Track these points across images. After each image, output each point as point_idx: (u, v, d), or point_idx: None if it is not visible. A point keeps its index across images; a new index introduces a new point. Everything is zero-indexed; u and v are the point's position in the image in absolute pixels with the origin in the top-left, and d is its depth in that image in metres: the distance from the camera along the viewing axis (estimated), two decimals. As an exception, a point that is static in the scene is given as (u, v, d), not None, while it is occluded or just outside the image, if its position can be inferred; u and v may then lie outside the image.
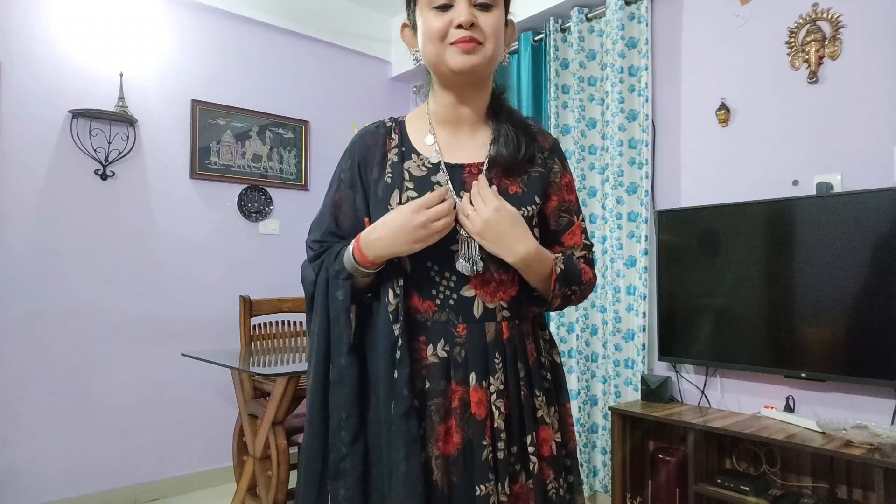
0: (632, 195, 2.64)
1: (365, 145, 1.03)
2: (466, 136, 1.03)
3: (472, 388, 0.95)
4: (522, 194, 1.00)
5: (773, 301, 2.19)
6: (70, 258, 2.72)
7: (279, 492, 2.31)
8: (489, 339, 0.97)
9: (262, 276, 3.32)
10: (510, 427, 0.96)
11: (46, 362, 2.64)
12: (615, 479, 2.41)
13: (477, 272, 0.95)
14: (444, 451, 0.93)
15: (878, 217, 1.94)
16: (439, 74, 0.99)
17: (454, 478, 0.93)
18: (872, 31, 2.06)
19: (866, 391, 2.02)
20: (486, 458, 0.93)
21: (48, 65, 2.67)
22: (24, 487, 2.57)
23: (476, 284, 0.97)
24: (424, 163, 1.00)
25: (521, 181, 1.01)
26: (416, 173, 0.99)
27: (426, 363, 0.96)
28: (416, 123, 1.04)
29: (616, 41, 2.65)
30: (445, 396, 0.95)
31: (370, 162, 1.01)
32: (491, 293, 0.97)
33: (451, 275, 0.96)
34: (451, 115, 1.02)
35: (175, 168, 3.04)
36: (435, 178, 0.98)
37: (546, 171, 1.04)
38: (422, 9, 0.96)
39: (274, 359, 2.56)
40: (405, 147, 1.02)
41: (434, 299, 0.97)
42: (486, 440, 0.93)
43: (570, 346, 2.86)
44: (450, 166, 1.00)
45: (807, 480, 2.10)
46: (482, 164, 1.00)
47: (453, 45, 0.93)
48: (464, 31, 0.92)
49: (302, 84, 3.53)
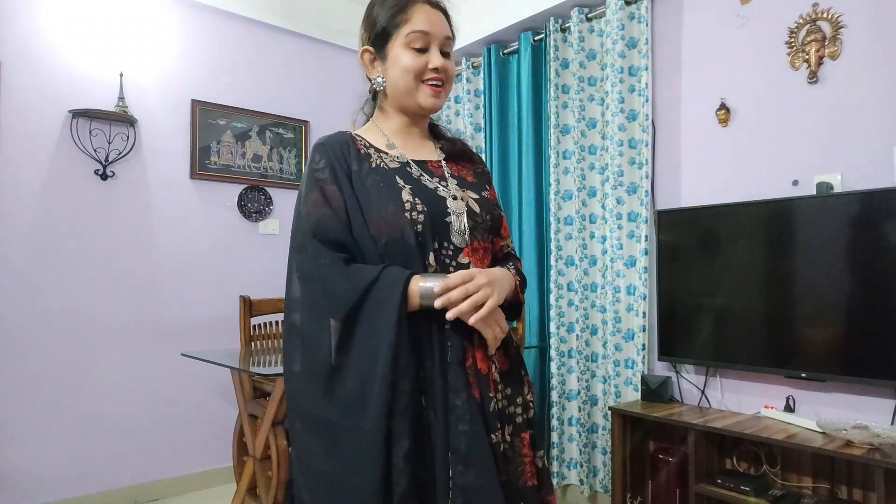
0: (632, 195, 2.64)
1: (335, 145, 1.10)
2: (418, 142, 1.19)
3: (476, 345, 1.06)
4: (476, 182, 1.19)
5: (773, 301, 2.19)
6: (70, 258, 2.72)
7: (279, 492, 2.31)
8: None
9: (262, 276, 3.32)
10: (506, 380, 1.11)
11: (46, 362, 2.64)
12: (615, 479, 2.41)
13: (468, 242, 1.09)
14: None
15: (878, 217, 1.93)
16: (404, 105, 1.14)
17: (476, 426, 1.00)
18: (872, 31, 2.06)
19: (866, 391, 2.02)
20: (494, 409, 1.05)
21: (48, 65, 2.67)
22: (24, 487, 2.57)
23: (468, 252, 1.10)
24: (395, 158, 1.12)
25: (471, 173, 1.21)
26: (393, 165, 1.11)
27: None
28: (370, 135, 1.16)
29: (616, 41, 2.65)
30: (465, 353, 1.05)
31: (344, 157, 1.09)
32: (480, 259, 1.12)
33: (448, 245, 1.08)
34: (403, 131, 1.18)
35: (175, 168, 3.04)
36: (410, 169, 1.11)
37: (484, 170, 1.26)
38: (400, 46, 1.10)
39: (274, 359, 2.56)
40: (373, 148, 1.13)
41: (439, 267, 1.07)
42: (491, 392, 1.05)
43: (570, 346, 2.86)
44: (416, 161, 1.13)
45: (807, 480, 2.10)
46: (440, 161, 1.17)
47: (427, 84, 1.11)
48: (437, 74, 1.10)
49: (302, 84, 3.53)
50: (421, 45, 1.10)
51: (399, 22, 1.10)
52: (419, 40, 1.09)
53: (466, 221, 1.09)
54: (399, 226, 1.02)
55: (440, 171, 1.14)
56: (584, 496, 2.79)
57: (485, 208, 1.14)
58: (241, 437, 2.72)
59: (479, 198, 1.15)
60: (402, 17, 1.10)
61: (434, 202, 1.07)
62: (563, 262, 2.89)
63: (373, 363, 0.96)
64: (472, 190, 1.15)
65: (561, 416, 2.84)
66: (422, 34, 1.09)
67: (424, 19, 1.10)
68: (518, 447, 1.09)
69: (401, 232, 1.02)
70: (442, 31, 1.12)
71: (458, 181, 1.15)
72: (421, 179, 1.10)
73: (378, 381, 0.95)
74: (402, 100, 1.13)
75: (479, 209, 1.12)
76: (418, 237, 1.03)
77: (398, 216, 1.03)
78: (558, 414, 2.83)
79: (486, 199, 1.16)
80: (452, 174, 1.15)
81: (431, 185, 1.10)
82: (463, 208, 1.09)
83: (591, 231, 2.84)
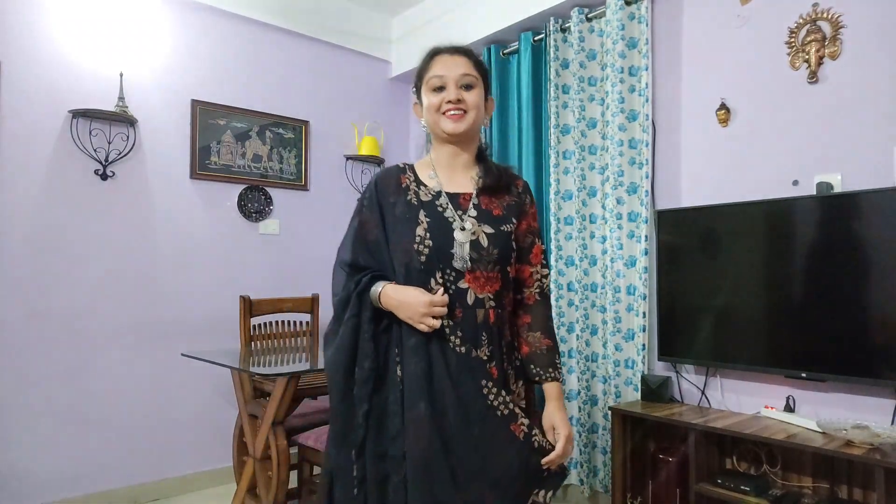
0: (632, 195, 2.64)
1: (384, 180, 1.40)
2: (461, 174, 1.40)
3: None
4: (503, 215, 1.37)
5: (773, 301, 2.19)
6: (70, 258, 2.72)
7: (279, 492, 2.31)
8: (479, 322, 1.30)
9: (262, 276, 3.32)
10: (497, 386, 1.30)
11: (46, 362, 2.64)
12: (615, 479, 2.41)
13: (468, 268, 1.29)
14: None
15: (878, 217, 1.93)
16: (438, 135, 1.39)
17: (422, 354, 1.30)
18: (872, 31, 2.06)
19: (866, 391, 2.02)
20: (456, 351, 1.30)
21: (48, 65, 2.67)
22: (24, 487, 2.57)
23: (469, 279, 1.30)
24: (430, 191, 1.37)
25: (501, 206, 1.38)
26: (424, 199, 1.35)
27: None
28: (421, 167, 1.42)
29: (616, 41, 2.65)
30: None
31: (387, 192, 1.37)
32: (480, 286, 1.31)
33: (450, 272, 1.30)
34: (449, 160, 1.40)
35: (175, 168, 3.04)
36: (438, 202, 1.35)
37: (520, 201, 1.42)
38: (425, 92, 1.37)
39: (274, 359, 2.56)
40: (415, 181, 1.39)
41: (437, 289, 1.29)
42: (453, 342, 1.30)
43: (570, 346, 2.86)
44: (449, 194, 1.36)
45: (807, 480, 2.10)
46: (471, 193, 1.37)
47: (445, 115, 1.34)
48: (452, 104, 1.33)
49: (302, 84, 3.53)
50: (439, 85, 1.34)
51: (424, 74, 1.38)
52: (437, 82, 1.35)
53: (469, 252, 1.29)
54: (409, 253, 1.30)
55: (466, 204, 1.36)
56: (584, 496, 2.79)
57: (494, 242, 1.32)
58: (241, 437, 2.72)
59: (494, 232, 1.33)
60: (426, 69, 1.38)
61: (444, 234, 1.30)
62: (564, 262, 2.89)
63: (346, 332, 1.34)
64: (492, 224, 1.34)
65: (561, 416, 2.83)
66: (438, 77, 1.34)
67: (440, 65, 1.36)
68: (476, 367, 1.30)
69: (410, 258, 1.30)
70: (457, 70, 1.34)
71: (479, 214, 1.35)
72: (444, 212, 1.33)
73: (343, 349, 1.32)
74: (435, 132, 1.39)
75: (488, 243, 1.31)
76: (421, 265, 1.29)
77: (409, 247, 1.30)
78: (558, 414, 2.82)
79: (504, 232, 1.34)
80: (479, 205, 1.36)
81: (450, 217, 1.33)
82: (468, 239, 1.30)
83: (592, 231, 2.84)
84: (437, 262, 1.28)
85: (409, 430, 1.25)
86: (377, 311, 1.31)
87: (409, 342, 1.28)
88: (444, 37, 3.90)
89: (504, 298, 1.35)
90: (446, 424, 1.24)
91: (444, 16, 3.55)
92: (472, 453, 1.23)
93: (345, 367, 1.30)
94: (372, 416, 1.29)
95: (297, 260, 3.48)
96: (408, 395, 1.26)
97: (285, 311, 3.05)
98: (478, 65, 1.38)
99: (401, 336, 1.30)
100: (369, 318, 1.31)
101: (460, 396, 1.25)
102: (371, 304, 1.31)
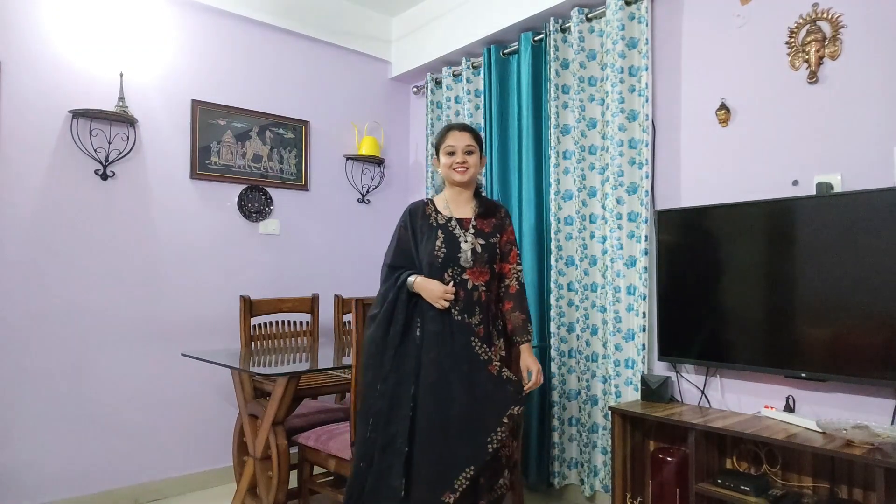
0: (632, 195, 2.64)
1: (414, 210, 2.12)
2: (464, 205, 2.14)
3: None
4: (491, 232, 2.10)
5: (772, 301, 2.19)
6: (70, 258, 2.72)
7: (279, 492, 2.31)
8: (474, 300, 2.02)
9: (262, 276, 3.32)
10: (481, 341, 2.00)
11: (46, 362, 2.64)
12: (615, 479, 2.41)
13: (470, 266, 2.03)
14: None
15: (878, 217, 1.93)
16: (449, 182, 2.13)
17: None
18: (872, 31, 2.06)
19: (866, 391, 2.02)
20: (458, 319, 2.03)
21: (48, 65, 2.67)
22: (24, 487, 2.57)
23: (469, 273, 2.03)
24: (444, 217, 2.10)
25: (490, 226, 2.11)
26: (441, 222, 2.08)
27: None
28: (438, 200, 2.15)
29: (616, 41, 2.65)
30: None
31: (417, 217, 2.11)
32: (476, 277, 2.03)
33: (457, 269, 2.03)
34: (456, 197, 2.14)
35: (175, 168, 3.04)
36: (450, 224, 2.07)
37: (502, 223, 2.15)
38: (442, 154, 2.11)
39: (274, 359, 2.56)
40: (434, 210, 2.12)
41: (449, 280, 2.02)
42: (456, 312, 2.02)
43: (570, 345, 2.87)
44: (457, 219, 2.09)
45: (807, 480, 2.10)
46: (471, 218, 2.10)
47: (454, 170, 2.08)
48: (459, 164, 2.07)
49: (302, 84, 3.54)
50: (451, 151, 2.08)
51: (440, 143, 2.12)
52: (450, 149, 2.09)
53: (470, 256, 2.02)
54: (431, 257, 2.02)
55: (468, 225, 2.08)
56: (584, 496, 2.79)
57: (486, 250, 2.05)
58: (241, 437, 2.72)
59: (485, 243, 2.06)
60: (442, 140, 2.11)
61: (454, 244, 2.03)
62: (564, 262, 2.89)
63: (387, 306, 2.04)
64: (483, 238, 2.07)
65: (561, 415, 2.84)
66: (450, 146, 2.08)
67: (452, 138, 2.09)
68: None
69: (432, 260, 2.02)
70: (463, 142, 2.08)
71: (476, 232, 2.07)
72: (453, 231, 2.05)
73: (385, 321, 2.03)
74: (448, 180, 2.13)
75: (481, 250, 2.04)
76: (439, 264, 2.02)
77: (431, 253, 2.02)
78: (559, 414, 2.83)
79: (492, 243, 2.07)
80: (476, 226, 2.08)
81: (458, 234, 2.05)
82: (469, 248, 2.03)
83: (592, 231, 2.84)
84: (449, 263, 2.01)
85: (424, 366, 1.94)
86: (409, 293, 2.01)
87: (429, 313, 1.98)
88: (444, 37, 3.92)
89: (492, 285, 2.08)
90: (448, 363, 1.93)
91: (444, 16, 3.54)
92: (463, 380, 1.92)
93: (385, 325, 1.99)
94: (395, 360, 1.97)
95: (298, 260, 3.48)
96: (425, 345, 1.96)
97: (285, 311, 3.06)
98: (476, 137, 2.11)
99: (423, 309, 1.99)
100: (405, 298, 2.01)
101: (457, 347, 1.95)
102: (406, 289, 2.01)
